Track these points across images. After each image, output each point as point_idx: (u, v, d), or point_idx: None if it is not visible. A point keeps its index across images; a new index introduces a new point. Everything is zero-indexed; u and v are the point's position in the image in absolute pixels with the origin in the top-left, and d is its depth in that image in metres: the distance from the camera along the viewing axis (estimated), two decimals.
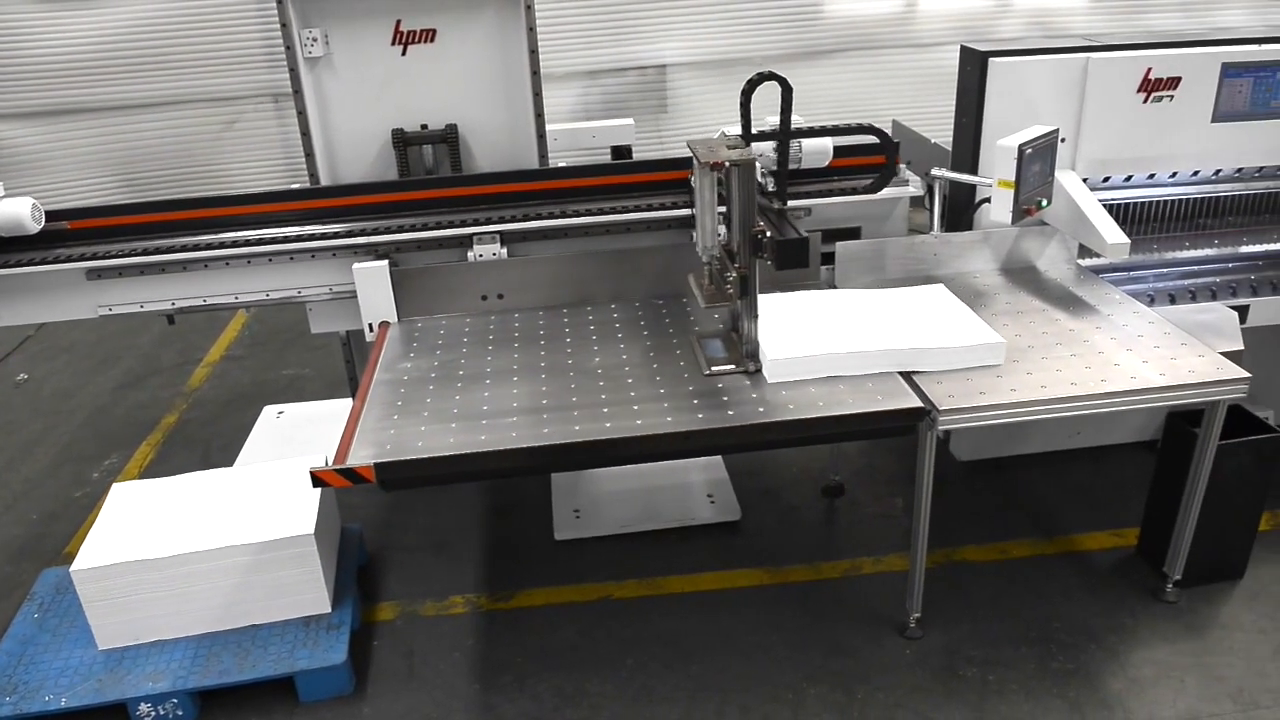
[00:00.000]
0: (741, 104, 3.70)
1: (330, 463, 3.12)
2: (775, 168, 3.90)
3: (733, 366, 3.60)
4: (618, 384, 3.54)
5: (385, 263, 4.09)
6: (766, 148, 3.92)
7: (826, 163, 4.38)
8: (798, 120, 3.98)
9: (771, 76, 3.63)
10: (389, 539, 4.55)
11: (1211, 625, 3.84)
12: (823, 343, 3.55)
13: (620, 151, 5.04)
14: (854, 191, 4.38)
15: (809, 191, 4.37)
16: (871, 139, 4.08)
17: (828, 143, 4.35)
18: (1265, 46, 4.38)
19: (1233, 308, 4.16)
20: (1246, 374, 3.47)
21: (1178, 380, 3.44)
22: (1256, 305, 4.25)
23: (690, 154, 3.48)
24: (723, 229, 3.56)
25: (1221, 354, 3.62)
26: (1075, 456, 4.87)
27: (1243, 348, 3.85)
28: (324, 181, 4.52)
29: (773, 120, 3.85)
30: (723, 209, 3.50)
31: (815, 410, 3.29)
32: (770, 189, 3.90)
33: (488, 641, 3.90)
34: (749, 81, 3.64)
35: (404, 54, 4.42)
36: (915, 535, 3.62)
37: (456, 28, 4.39)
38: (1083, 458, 4.86)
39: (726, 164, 3.29)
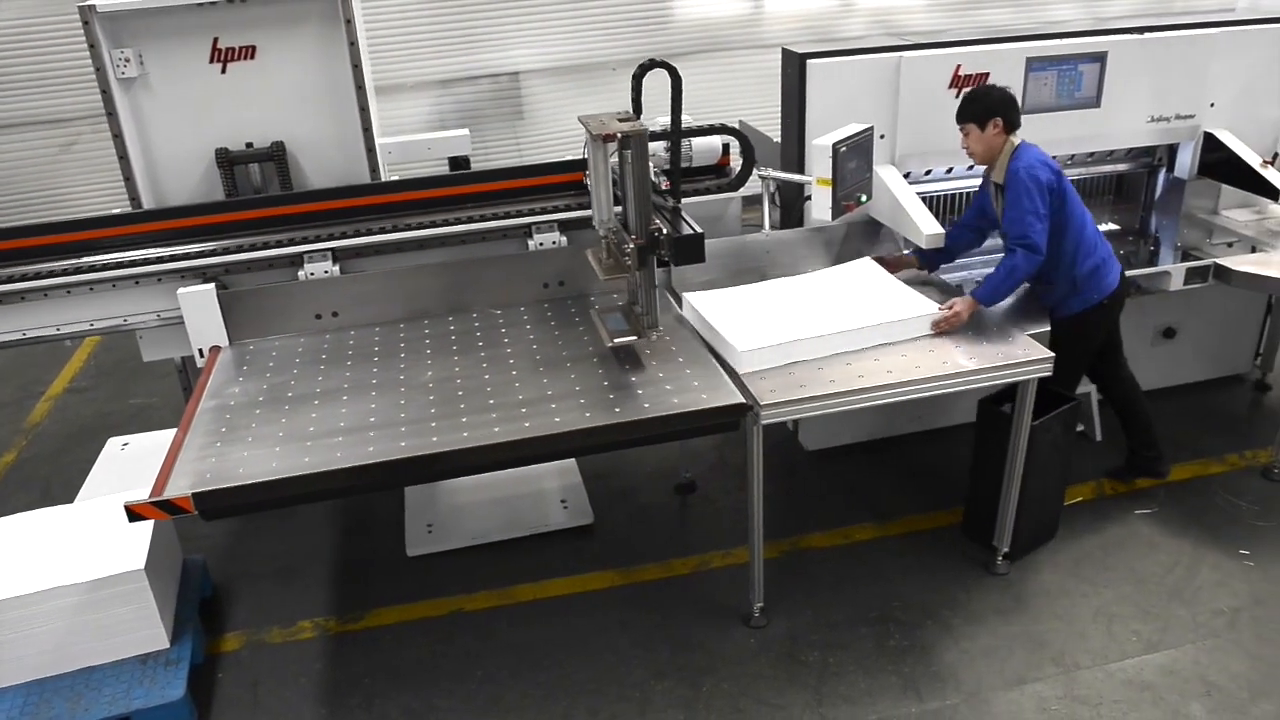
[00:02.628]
0: (633, 88, 3.69)
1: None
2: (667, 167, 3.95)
3: (635, 337, 3.64)
4: (448, 398, 3.53)
5: (211, 286, 4.00)
6: (659, 147, 3.98)
7: (716, 160, 4.52)
8: (686, 120, 4.04)
9: (661, 65, 3.64)
10: (236, 567, 4.44)
11: (1038, 593, 4.04)
12: (786, 330, 3.70)
13: (458, 162, 5.03)
14: (709, 191, 4.49)
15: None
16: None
17: (716, 141, 4.46)
18: (1066, 41, 4.62)
19: None
20: (1050, 353, 3.67)
21: (986, 363, 3.61)
22: None
23: (584, 134, 3.47)
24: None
25: (1031, 335, 3.82)
26: (917, 440, 5.06)
27: (1048, 328, 4.05)
28: (147, 205, 4.40)
29: (663, 120, 3.89)
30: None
31: (640, 412, 3.34)
32: (664, 187, 3.95)
33: (336, 664, 3.85)
34: (640, 67, 3.66)
35: (224, 72, 4.33)
36: (751, 527, 3.70)
37: (277, 44, 4.33)
38: (924, 440, 5.05)
39: (619, 135, 3.32)
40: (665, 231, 3.45)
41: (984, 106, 3.95)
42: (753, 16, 8.19)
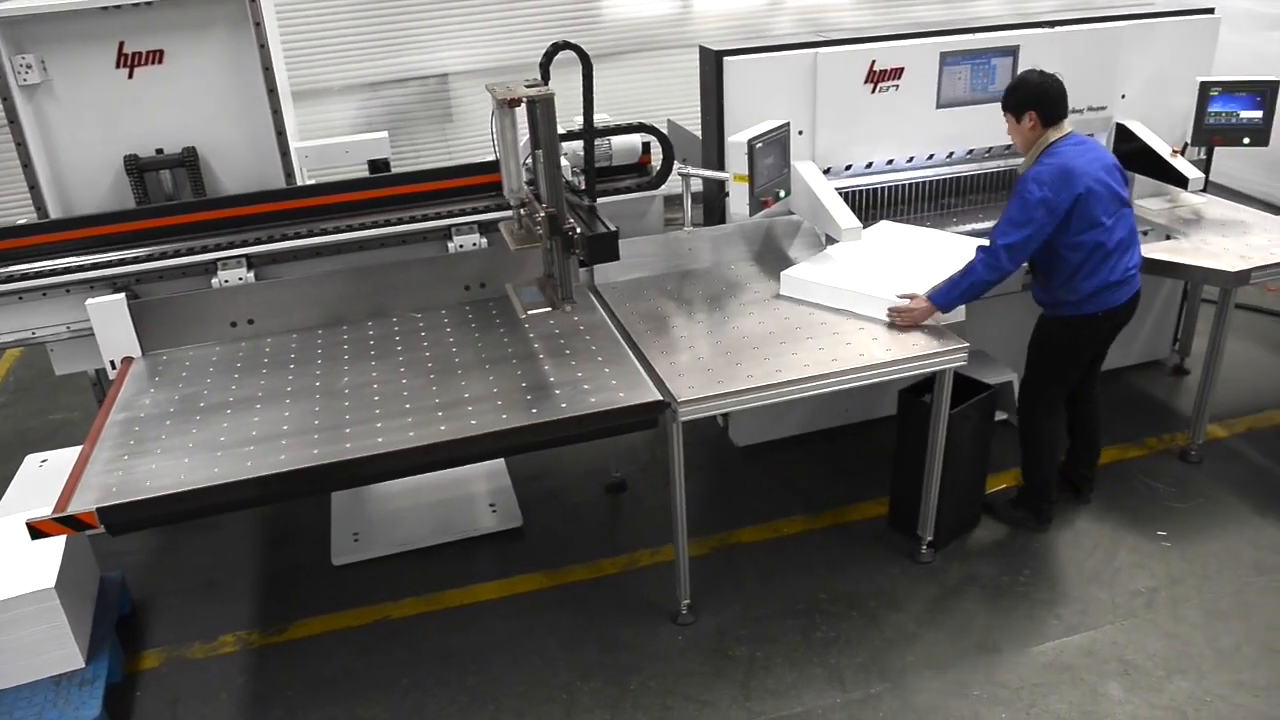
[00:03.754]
0: (541, 67, 3.67)
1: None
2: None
3: (549, 309, 3.56)
4: (364, 403, 3.49)
5: (122, 296, 3.90)
6: (576, 146, 3.95)
7: (636, 159, 4.54)
8: (603, 118, 4.03)
9: (569, 46, 3.62)
10: (157, 582, 4.35)
11: (961, 580, 4.09)
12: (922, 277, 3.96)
13: (377, 165, 4.97)
14: (630, 190, 4.50)
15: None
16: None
17: (636, 140, 4.47)
18: (979, 35, 4.69)
19: None
20: (966, 343, 3.71)
21: (903, 354, 3.64)
22: None
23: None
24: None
25: (946, 326, 3.87)
26: (847, 433, 5.10)
27: (964, 319, 4.09)
28: (54, 214, 4.29)
29: (580, 119, 3.88)
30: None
31: (557, 412, 3.33)
32: (580, 186, 3.92)
33: (258, 677, 3.78)
34: (547, 50, 3.64)
35: (131, 77, 4.24)
36: (675, 524, 3.70)
37: (185, 48, 4.24)
38: (854, 433, 5.09)
39: (524, 100, 3.25)
40: (579, 230, 3.43)
41: (1017, 98, 3.77)
42: (681, 16, 8.20)
